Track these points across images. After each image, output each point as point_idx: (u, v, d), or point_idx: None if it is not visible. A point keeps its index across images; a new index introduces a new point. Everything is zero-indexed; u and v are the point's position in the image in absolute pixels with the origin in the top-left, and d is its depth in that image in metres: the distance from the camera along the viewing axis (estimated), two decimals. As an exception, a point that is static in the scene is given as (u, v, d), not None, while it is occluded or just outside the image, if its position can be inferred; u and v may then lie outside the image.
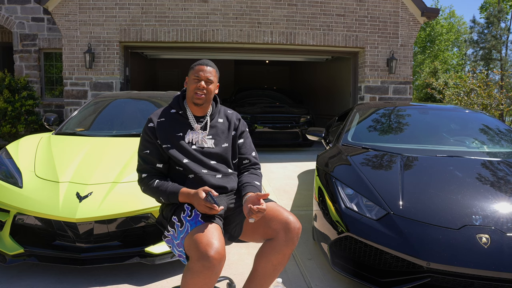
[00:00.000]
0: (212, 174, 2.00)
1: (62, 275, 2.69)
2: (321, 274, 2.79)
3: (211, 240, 1.70)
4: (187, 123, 2.06)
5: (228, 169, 2.07)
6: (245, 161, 2.15)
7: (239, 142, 2.15)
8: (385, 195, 2.58)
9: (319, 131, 4.30)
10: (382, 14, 7.68)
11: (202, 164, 2.00)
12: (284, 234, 1.86)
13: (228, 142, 2.10)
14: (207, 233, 1.74)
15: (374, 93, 7.82)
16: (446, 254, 2.17)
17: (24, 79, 8.10)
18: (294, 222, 1.89)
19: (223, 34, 7.34)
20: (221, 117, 2.15)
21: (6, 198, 2.69)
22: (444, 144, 3.55)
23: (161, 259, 2.65)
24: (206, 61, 2.07)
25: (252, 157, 2.17)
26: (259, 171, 2.17)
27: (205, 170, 1.99)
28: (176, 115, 2.08)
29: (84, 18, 7.19)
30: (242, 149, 2.15)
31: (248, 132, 2.23)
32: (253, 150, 2.21)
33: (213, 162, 2.03)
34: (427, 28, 25.66)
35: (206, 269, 1.65)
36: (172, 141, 2.00)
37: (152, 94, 4.76)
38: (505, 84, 16.95)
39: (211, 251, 1.65)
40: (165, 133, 2.01)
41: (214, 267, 1.65)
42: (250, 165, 2.16)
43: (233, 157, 2.12)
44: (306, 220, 3.86)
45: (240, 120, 2.20)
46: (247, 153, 2.16)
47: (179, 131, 2.03)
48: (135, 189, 2.71)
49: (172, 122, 2.05)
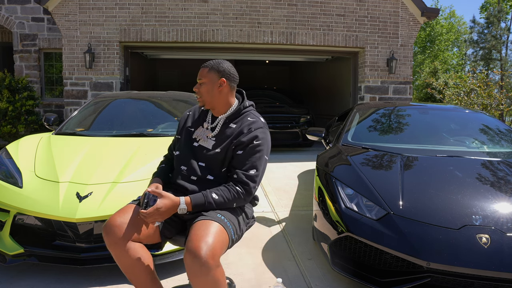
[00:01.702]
0: (188, 174, 2.00)
1: (62, 275, 2.69)
2: (321, 274, 2.78)
3: (114, 215, 1.87)
4: (204, 120, 2.11)
5: (209, 176, 1.96)
6: (233, 175, 1.92)
7: (238, 153, 1.94)
8: (385, 195, 2.58)
9: (319, 131, 4.30)
10: (382, 14, 7.68)
11: (186, 162, 2.02)
12: (187, 261, 1.66)
13: (223, 149, 1.95)
14: (117, 211, 1.91)
15: (374, 93, 7.82)
16: (446, 254, 2.17)
17: (24, 79, 8.10)
18: (193, 250, 1.64)
19: (223, 34, 7.34)
20: (238, 122, 2.01)
21: (6, 198, 2.69)
22: (444, 144, 3.55)
23: (161, 259, 2.65)
24: (207, 62, 2.07)
25: (243, 173, 1.89)
26: (236, 188, 1.88)
27: (184, 167, 2.02)
28: (202, 112, 2.15)
29: (84, 18, 7.19)
30: (237, 162, 1.93)
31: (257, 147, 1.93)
32: (252, 168, 1.91)
33: (201, 163, 2.00)
34: (427, 28, 25.66)
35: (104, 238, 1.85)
36: (184, 133, 2.11)
37: (152, 94, 4.76)
38: (505, 84, 16.95)
39: (104, 226, 1.85)
40: (184, 125, 2.14)
41: (107, 238, 1.83)
42: (234, 180, 1.90)
43: (222, 165, 1.96)
44: (306, 220, 3.86)
45: (251, 131, 1.95)
46: (240, 168, 1.91)
47: (192, 126, 2.11)
48: (135, 189, 2.71)
49: (195, 117, 2.15)
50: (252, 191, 1.91)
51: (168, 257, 2.68)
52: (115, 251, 1.84)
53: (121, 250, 1.83)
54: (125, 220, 1.86)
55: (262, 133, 1.97)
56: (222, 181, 1.97)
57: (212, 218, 1.80)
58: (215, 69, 1.99)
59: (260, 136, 1.95)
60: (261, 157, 1.94)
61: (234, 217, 1.93)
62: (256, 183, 1.93)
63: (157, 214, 1.82)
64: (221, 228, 1.79)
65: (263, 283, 2.64)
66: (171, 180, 2.09)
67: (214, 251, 1.67)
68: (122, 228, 1.83)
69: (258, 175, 1.93)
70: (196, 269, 1.63)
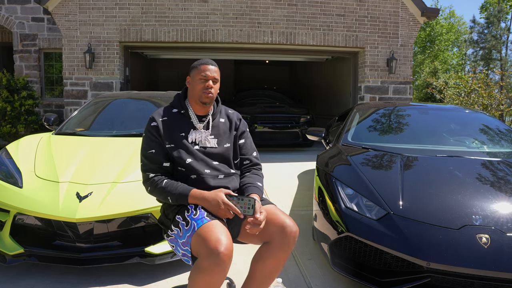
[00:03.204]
0: (214, 174, 1.99)
1: (62, 275, 2.69)
2: (321, 274, 2.78)
3: (219, 236, 1.69)
4: (189, 122, 2.04)
5: (230, 169, 2.06)
6: (246, 162, 2.14)
7: (240, 143, 2.14)
8: (385, 195, 2.58)
9: (319, 131, 4.30)
10: (382, 14, 7.68)
11: (205, 165, 1.99)
12: (280, 238, 1.85)
13: (230, 142, 2.09)
14: (215, 230, 1.72)
15: (374, 93, 7.82)
16: (446, 254, 2.17)
17: (23, 79, 8.10)
18: (290, 226, 1.86)
19: (223, 34, 7.34)
20: (223, 116, 2.14)
21: (6, 198, 2.69)
22: (444, 144, 3.55)
23: (161, 259, 2.65)
24: (209, 60, 2.07)
25: (253, 157, 2.16)
26: (260, 172, 2.16)
27: (208, 170, 1.98)
28: (178, 115, 2.05)
29: (84, 18, 7.19)
30: (243, 150, 2.14)
31: (248, 132, 2.21)
32: (254, 150, 2.19)
33: (215, 162, 2.02)
34: (427, 28, 25.66)
35: (216, 266, 1.64)
36: (176, 141, 1.98)
37: (152, 94, 4.76)
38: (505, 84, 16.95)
39: (220, 247, 1.64)
40: (168, 132, 1.99)
41: (224, 263, 1.64)
42: (251, 166, 2.14)
43: (235, 157, 2.11)
44: (306, 220, 3.86)
45: (241, 120, 2.19)
46: (248, 154, 2.15)
47: (181, 131, 2.01)
48: (135, 189, 2.71)
49: (175, 121, 2.03)
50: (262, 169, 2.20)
51: (168, 257, 2.68)
52: (220, 276, 1.68)
53: (224, 275, 1.71)
54: (229, 238, 1.74)
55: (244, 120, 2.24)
56: (237, 170, 2.12)
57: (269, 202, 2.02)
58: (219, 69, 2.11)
59: (245, 123, 2.22)
60: (252, 139, 2.24)
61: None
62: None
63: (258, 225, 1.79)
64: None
65: (263, 283, 2.64)
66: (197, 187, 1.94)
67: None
68: (231, 249, 1.70)
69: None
70: (292, 240, 1.85)
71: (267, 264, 1.88)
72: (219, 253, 1.63)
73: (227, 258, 1.65)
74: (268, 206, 1.95)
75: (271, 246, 1.87)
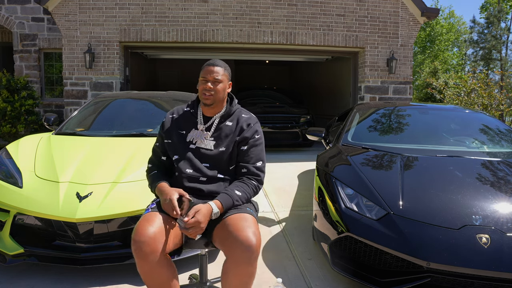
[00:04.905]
0: (195, 176, 1.98)
1: (62, 275, 2.69)
2: (321, 274, 2.79)
3: (145, 226, 1.77)
4: (194, 122, 2.08)
5: (218, 174, 2.01)
6: (244, 170, 2.02)
7: (242, 149, 2.03)
8: (385, 195, 2.58)
9: (319, 131, 4.30)
10: (382, 14, 7.68)
11: (189, 165, 1.99)
12: (238, 253, 1.71)
13: (228, 147, 2.01)
14: (146, 220, 1.82)
15: (374, 93, 7.82)
16: (446, 254, 2.17)
17: (23, 79, 8.10)
18: (248, 242, 1.71)
19: (223, 34, 7.34)
20: (233, 119, 2.07)
21: (6, 198, 2.69)
22: (444, 144, 3.55)
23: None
24: (215, 61, 2.05)
25: (252, 166, 2.02)
26: (251, 182, 2.00)
27: (189, 170, 1.98)
28: (188, 114, 2.11)
29: (84, 18, 7.19)
30: (244, 157, 2.02)
31: (258, 140, 2.06)
32: (259, 160, 2.04)
33: (206, 164, 2.00)
34: (427, 28, 25.66)
35: (135, 252, 1.74)
36: (174, 137, 2.06)
37: (152, 94, 4.76)
38: (505, 84, 16.95)
39: (138, 236, 1.74)
40: (171, 128, 2.08)
41: (141, 251, 1.71)
42: (246, 174, 2.01)
43: (230, 162, 2.03)
44: (306, 220, 3.86)
45: (250, 126, 2.05)
46: (248, 162, 2.02)
47: (183, 129, 2.07)
48: (135, 189, 2.71)
49: (182, 119, 2.10)
50: (263, 181, 2.07)
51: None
52: (146, 266, 1.74)
53: (153, 265, 1.74)
54: (157, 230, 1.77)
55: (259, 127, 2.12)
56: (231, 177, 2.05)
57: (244, 211, 1.91)
58: (227, 70, 2.09)
59: (259, 130, 2.10)
60: (263, 148, 2.10)
61: (254, 209, 2.07)
62: (264, 173, 2.07)
63: (199, 227, 1.77)
64: (254, 219, 1.90)
65: (263, 283, 2.64)
66: (175, 185, 1.99)
67: (260, 241, 1.77)
68: (155, 240, 1.75)
69: (264, 165, 2.08)
70: (246, 259, 1.71)
71: (230, 280, 1.78)
72: (136, 241, 1.73)
73: (145, 246, 1.71)
74: (233, 216, 1.85)
75: (228, 261, 1.77)
